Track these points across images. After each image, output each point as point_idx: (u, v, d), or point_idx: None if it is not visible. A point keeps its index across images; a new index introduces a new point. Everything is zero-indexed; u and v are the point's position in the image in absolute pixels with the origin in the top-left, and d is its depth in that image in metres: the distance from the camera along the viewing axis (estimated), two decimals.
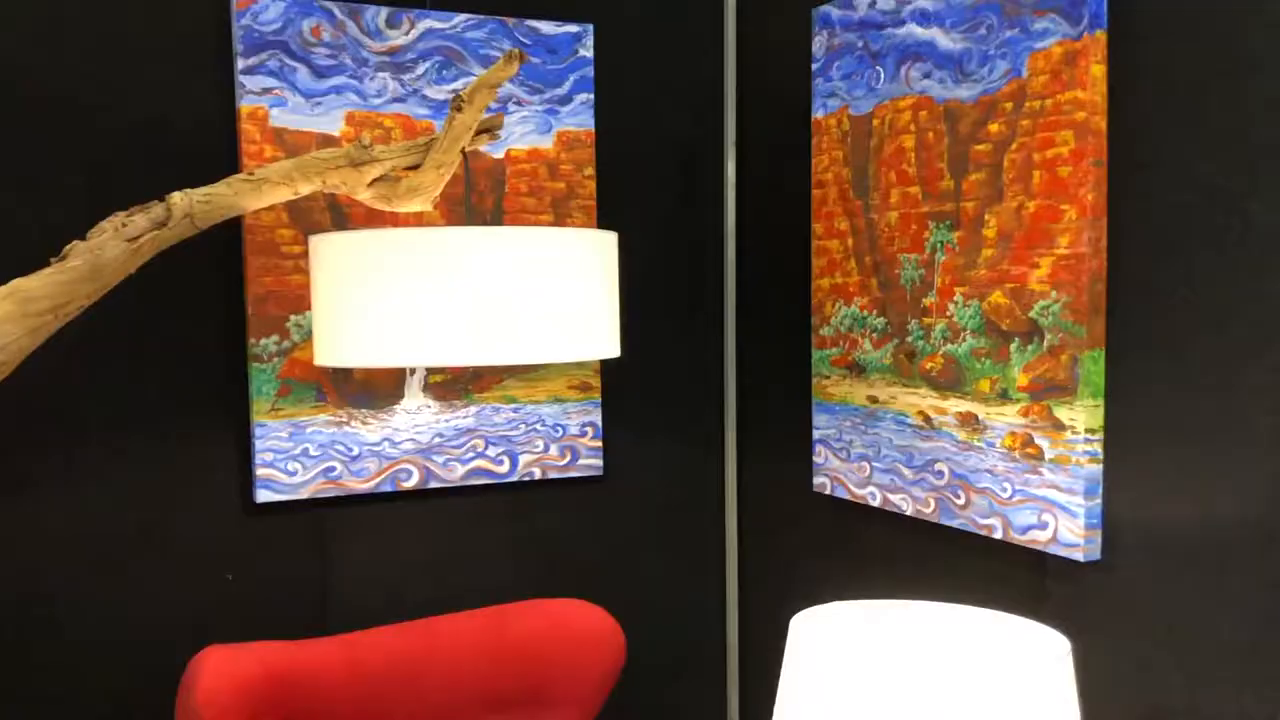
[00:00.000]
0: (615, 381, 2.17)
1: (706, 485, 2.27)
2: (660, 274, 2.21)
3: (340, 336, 1.50)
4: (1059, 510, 1.50)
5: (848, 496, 1.93)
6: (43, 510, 1.78)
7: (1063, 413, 1.49)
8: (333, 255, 1.49)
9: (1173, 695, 1.41)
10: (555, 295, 1.46)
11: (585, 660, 1.84)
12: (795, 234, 2.05)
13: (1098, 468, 1.46)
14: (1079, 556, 1.47)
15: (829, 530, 2.02)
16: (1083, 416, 1.46)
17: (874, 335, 1.85)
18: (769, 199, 2.16)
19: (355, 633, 1.81)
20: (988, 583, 1.64)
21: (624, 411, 2.19)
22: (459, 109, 1.51)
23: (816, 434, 2.00)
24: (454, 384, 2.05)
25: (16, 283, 1.38)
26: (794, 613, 1.31)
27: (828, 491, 1.98)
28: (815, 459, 2.00)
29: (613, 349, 1.58)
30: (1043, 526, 1.52)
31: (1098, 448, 1.46)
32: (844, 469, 1.93)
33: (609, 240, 1.57)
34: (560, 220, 2.09)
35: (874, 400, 1.85)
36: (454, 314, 1.43)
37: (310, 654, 1.72)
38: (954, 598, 1.61)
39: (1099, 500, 1.47)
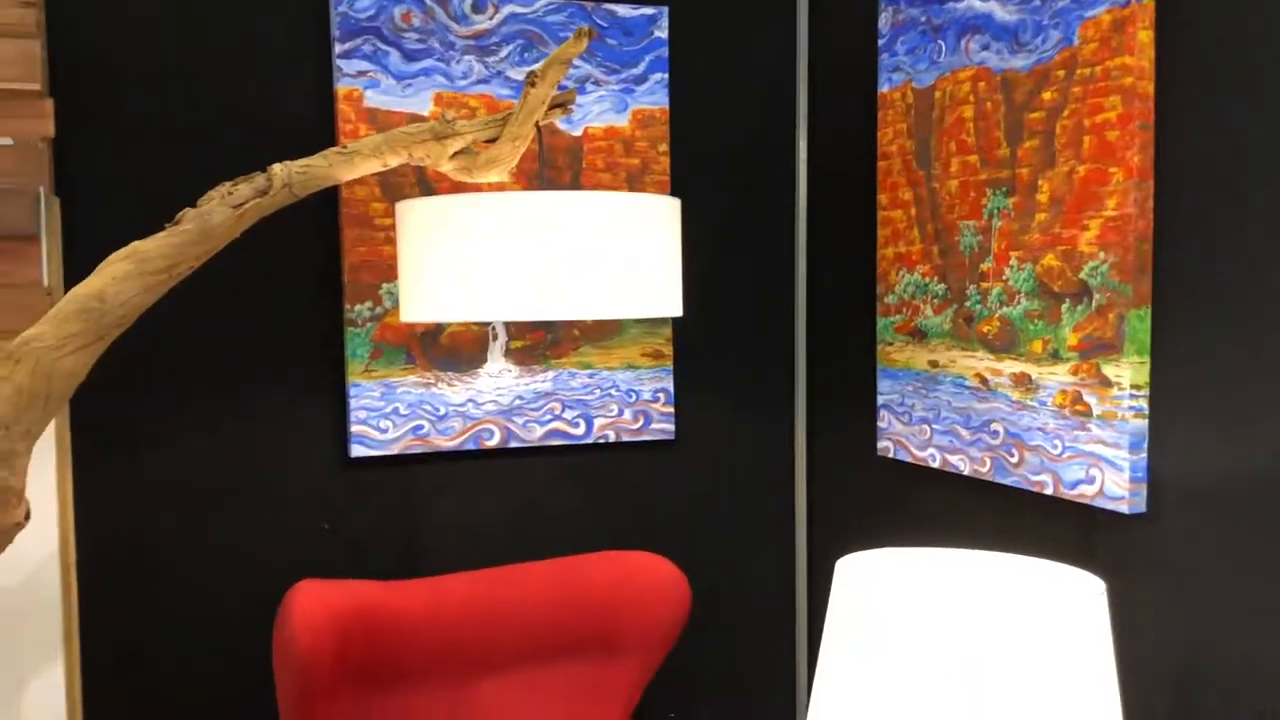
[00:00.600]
0: (687, 350, 2.26)
1: (776, 451, 2.35)
2: (732, 245, 2.30)
3: (422, 294, 1.62)
4: (1105, 465, 1.54)
5: (909, 459, 1.99)
6: (158, 458, 1.95)
7: (1110, 370, 1.53)
8: (416, 219, 1.62)
9: (1214, 642, 1.45)
10: (619, 255, 1.56)
11: (652, 608, 1.94)
12: (862, 205, 2.11)
13: (1143, 423, 1.51)
14: (1124, 509, 1.52)
15: (892, 492, 2.08)
16: (1128, 373, 1.50)
17: (935, 301, 1.90)
18: (837, 172, 2.23)
19: (438, 577, 1.94)
20: (1040, 537, 1.69)
21: (695, 378, 2.28)
22: (533, 84, 1.62)
23: (880, 399, 2.06)
24: (533, 350, 2.17)
25: (135, 245, 1.54)
26: None
27: (891, 455, 2.04)
28: (879, 424, 2.07)
29: (675, 308, 1.67)
30: (1090, 481, 1.57)
31: (1143, 403, 1.50)
32: (906, 432, 1.99)
33: (672, 205, 1.66)
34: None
35: (934, 364, 1.91)
36: (525, 272, 1.54)
37: (397, 593, 1.85)
38: (1008, 552, 1.67)
39: (1144, 455, 1.51)
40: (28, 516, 1.60)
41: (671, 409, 2.26)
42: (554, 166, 2.14)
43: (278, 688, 1.74)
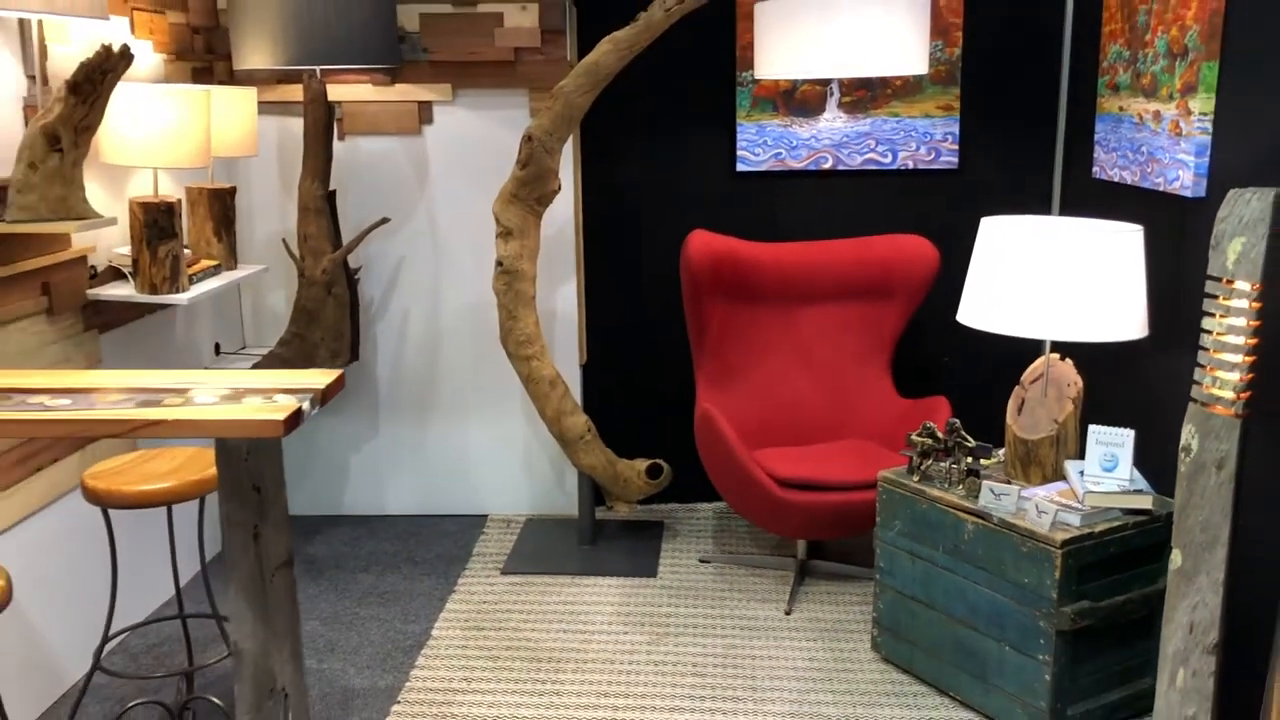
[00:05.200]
0: (971, 104, 3.20)
1: (1034, 179, 3.24)
2: (1011, 29, 3.16)
3: (769, 59, 2.75)
4: (1183, 168, 2.37)
5: (1105, 178, 2.85)
6: (625, 165, 3.30)
7: (1191, 104, 2.34)
8: (766, 4, 2.74)
9: None
10: (881, 29, 2.58)
11: (912, 268, 3.02)
12: None
13: (1206, 138, 2.32)
14: (1189, 194, 2.36)
15: (1096, 204, 2.95)
16: (1199, 104, 2.31)
17: (1123, 64, 2.71)
18: None
19: (783, 243, 3.14)
20: (1153, 218, 2.55)
21: (977, 126, 3.22)
22: None
23: (1096, 136, 2.91)
24: (858, 103, 3.23)
25: (613, 34, 2.82)
26: None
27: (1098, 176, 2.90)
28: (1094, 154, 2.92)
29: (922, 67, 2.66)
30: (1177, 179, 2.41)
31: (1208, 124, 2.31)
32: (1105, 159, 2.84)
33: None
34: None
35: (1120, 109, 2.74)
36: (826, 45, 2.61)
37: (756, 248, 3.09)
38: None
39: (1205, 159, 2.32)
40: (559, 188, 3.01)
41: (956, 147, 3.23)
42: None
43: (683, 292, 3.05)
